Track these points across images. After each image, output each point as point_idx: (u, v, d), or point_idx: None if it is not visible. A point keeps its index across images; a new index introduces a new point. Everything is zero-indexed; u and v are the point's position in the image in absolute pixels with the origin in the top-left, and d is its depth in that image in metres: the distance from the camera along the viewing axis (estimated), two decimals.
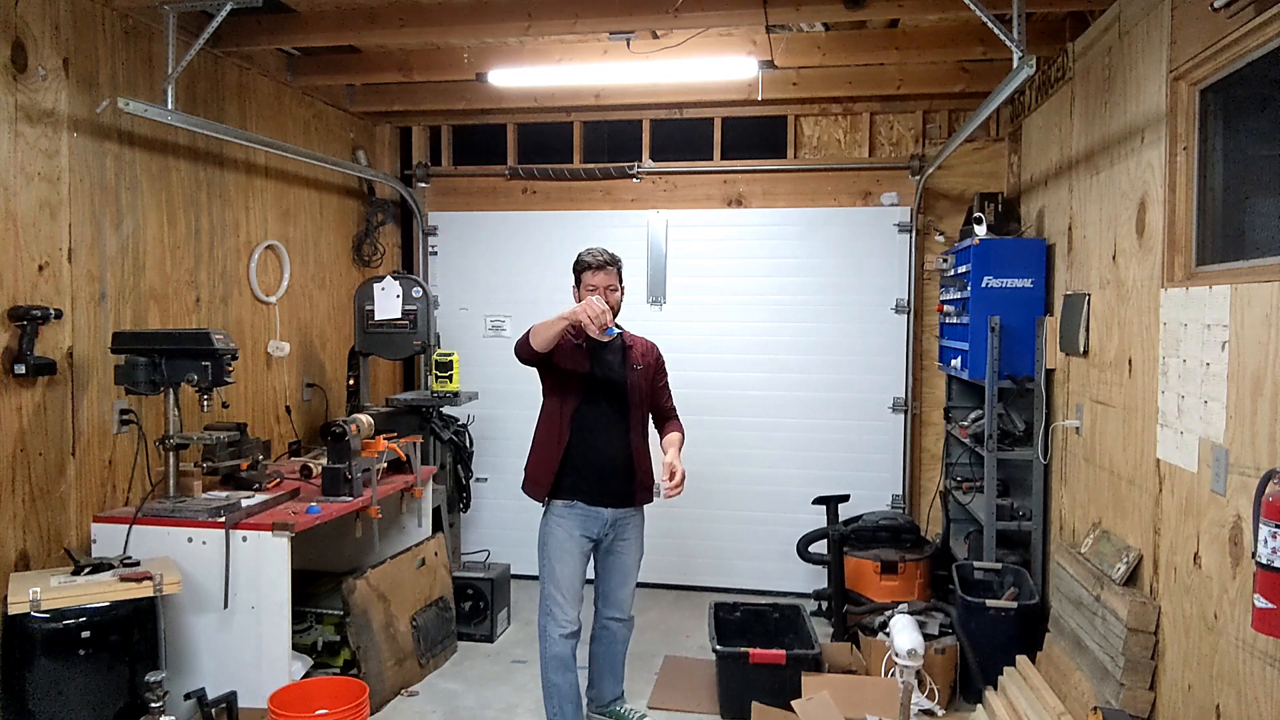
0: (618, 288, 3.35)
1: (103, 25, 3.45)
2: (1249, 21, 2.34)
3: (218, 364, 3.31)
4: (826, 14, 3.87)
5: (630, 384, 3.36)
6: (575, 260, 3.37)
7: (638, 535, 3.49)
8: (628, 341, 3.44)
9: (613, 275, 3.33)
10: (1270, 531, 1.90)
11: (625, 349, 3.41)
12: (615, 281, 3.34)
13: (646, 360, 3.45)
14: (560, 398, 3.33)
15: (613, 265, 3.34)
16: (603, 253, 3.34)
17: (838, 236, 5.25)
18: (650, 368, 3.46)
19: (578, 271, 3.36)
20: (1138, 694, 2.87)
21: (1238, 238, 2.64)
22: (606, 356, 3.36)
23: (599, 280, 3.28)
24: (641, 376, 3.40)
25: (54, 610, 2.81)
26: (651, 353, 3.52)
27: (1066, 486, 3.91)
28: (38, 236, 3.16)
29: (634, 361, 3.41)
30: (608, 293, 3.27)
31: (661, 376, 3.54)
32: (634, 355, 3.42)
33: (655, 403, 3.50)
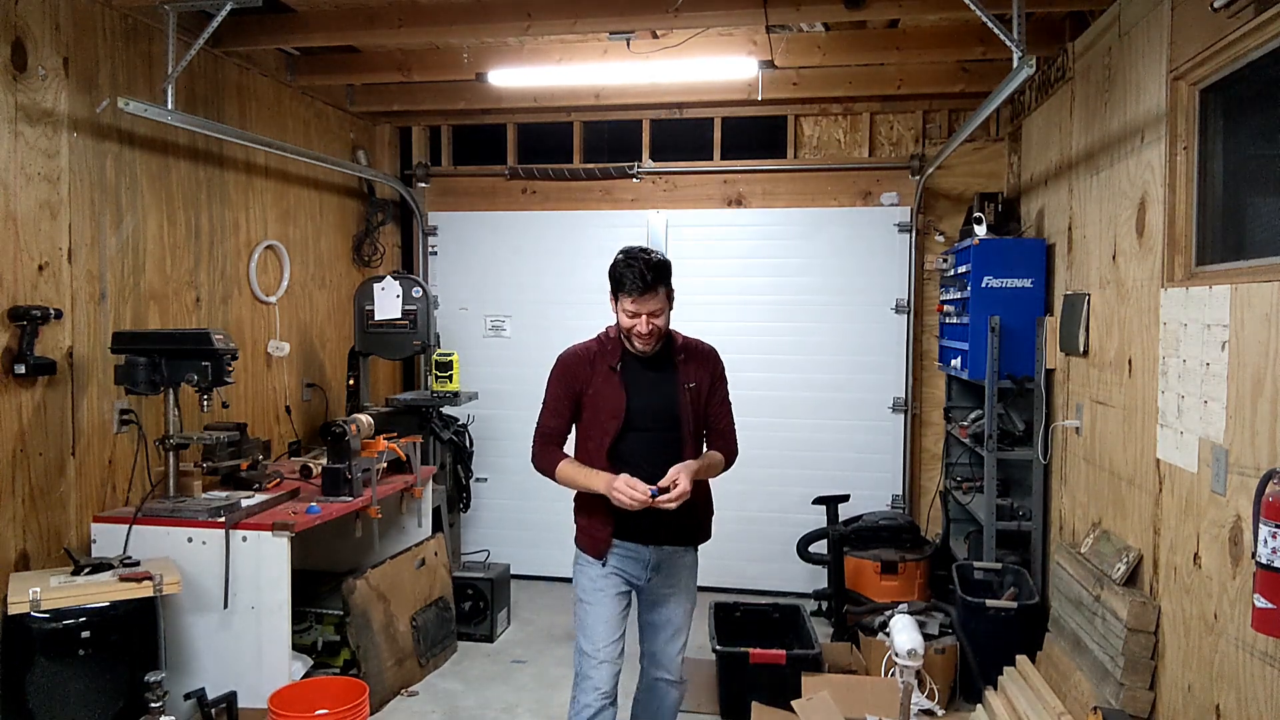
0: (664, 310, 2.62)
1: (103, 25, 3.45)
2: (1249, 21, 2.34)
3: (218, 364, 3.31)
4: (826, 14, 3.87)
5: (681, 408, 2.70)
6: (612, 268, 2.63)
7: (688, 580, 2.86)
8: (679, 353, 2.75)
9: (659, 297, 2.59)
10: (1270, 531, 1.90)
11: (675, 364, 2.73)
12: (660, 304, 2.60)
13: (701, 375, 2.76)
14: (595, 431, 2.71)
15: (660, 285, 2.58)
16: (646, 267, 2.55)
17: (838, 236, 5.25)
18: (705, 383, 2.77)
19: (615, 288, 2.63)
20: (1138, 694, 2.87)
21: (1238, 238, 2.64)
22: (650, 376, 2.71)
23: (642, 307, 2.57)
24: (694, 396, 2.73)
25: (54, 610, 2.81)
26: (708, 363, 2.80)
27: (1066, 486, 3.91)
28: (38, 236, 3.16)
29: (686, 379, 2.72)
30: (653, 319, 2.59)
31: (719, 390, 2.82)
32: (686, 371, 2.73)
33: (707, 421, 2.80)
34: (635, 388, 2.68)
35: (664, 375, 2.71)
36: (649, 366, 2.71)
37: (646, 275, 2.53)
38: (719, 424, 2.82)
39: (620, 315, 2.63)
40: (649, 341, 2.62)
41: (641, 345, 2.63)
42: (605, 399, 2.67)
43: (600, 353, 2.71)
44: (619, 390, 2.66)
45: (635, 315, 2.58)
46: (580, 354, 2.74)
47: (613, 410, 2.66)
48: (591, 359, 2.71)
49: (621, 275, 2.57)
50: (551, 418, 2.73)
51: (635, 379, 2.69)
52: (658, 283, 2.56)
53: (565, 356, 2.76)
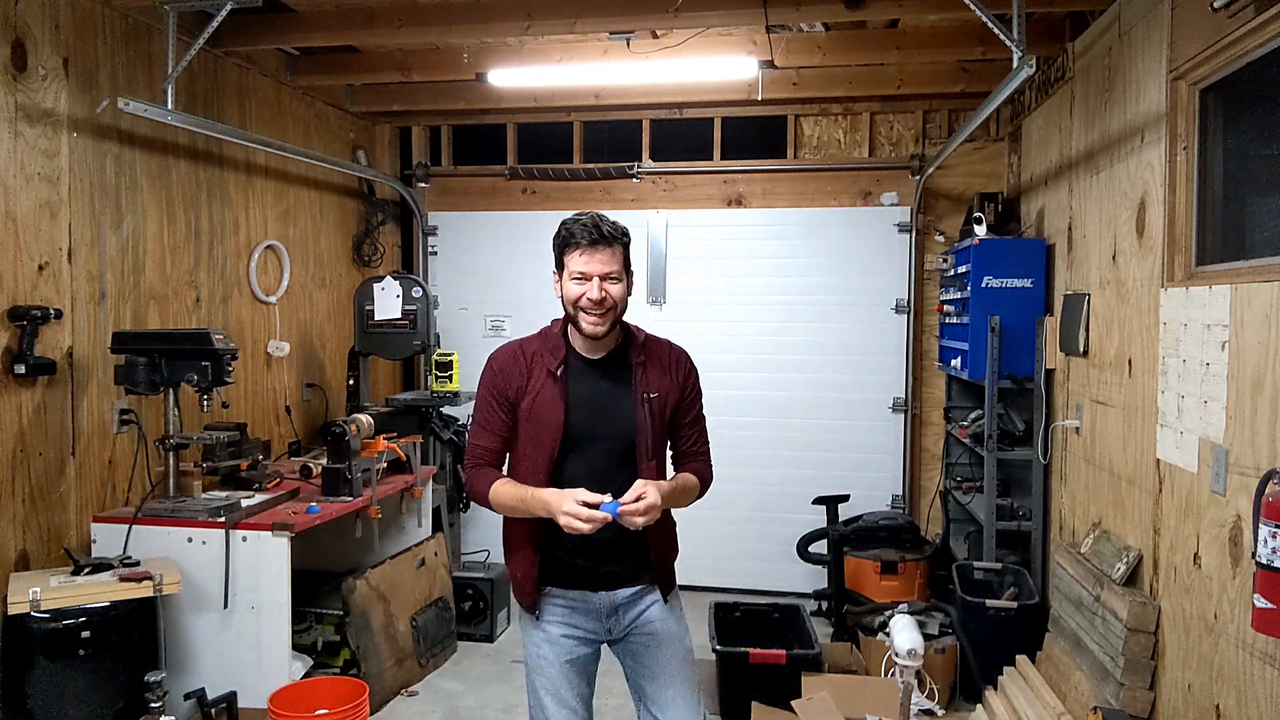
0: (621, 276, 2.11)
1: (103, 25, 3.45)
2: (1249, 21, 2.34)
3: (218, 364, 3.31)
4: (826, 14, 3.87)
5: (639, 425, 2.14)
6: (557, 232, 2.14)
7: (673, 620, 2.25)
8: (637, 354, 2.19)
9: (615, 257, 2.10)
10: (1270, 531, 1.90)
11: (632, 368, 2.17)
12: (618, 266, 2.10)
13: (666, 383, 2.19)
14: (529, 450, 2.15)
15: (615, 242, 2.10)
16: (599, 223, 2.09)
17: (838, 236, 5.25)
18: (671, 394, 2.20)
19: (560, 249, 2.13)
20: (1137, 694, 2.87)
21: (1238, 237, 2.64)
22: (599, 383, 2.16)
23: (594, 266, 2.07)
24: (656, 409, 2.16)
25: (54, 610, 2.81)
26: (676, 369, 2.23)
27: (1066, 486, 3.91)
28: (38, 236, 3.16)
29: (645, 387, 2.16)
30: (607, 284, 2.08)
31: (691, 404, 2.26)
32: (647, 378, 2.17)
33: (674, 442, 2.27)
34: (579, 396, 2.12)
35: (617, 381, 2.15)
36: (599, 371, 2.15)
37: (601, 227, 2.06)
38: (690, 446, 2.25)
39: (566, 285, 2.09)
40: (601, 318, 2.06)
41: (591, 325, 2.07)
42: (542, 410, 2.11)
43: (540, 352, 2.16)
44: (558, 399, 2.10)
45: (584, 279, 2.06)
46: (515, 352, 2.17)
47: (550, 424, 2.09)
48: (529, 360, 2.15)
49: (570, 229, 2.08)
50: (482, 434, 2.16)
51: (580, 385, 2.14)
52: (614, 240, 2.08)
53: (496, 356, 2.19)
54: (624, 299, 2.11)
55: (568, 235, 2.08)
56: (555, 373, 2.12)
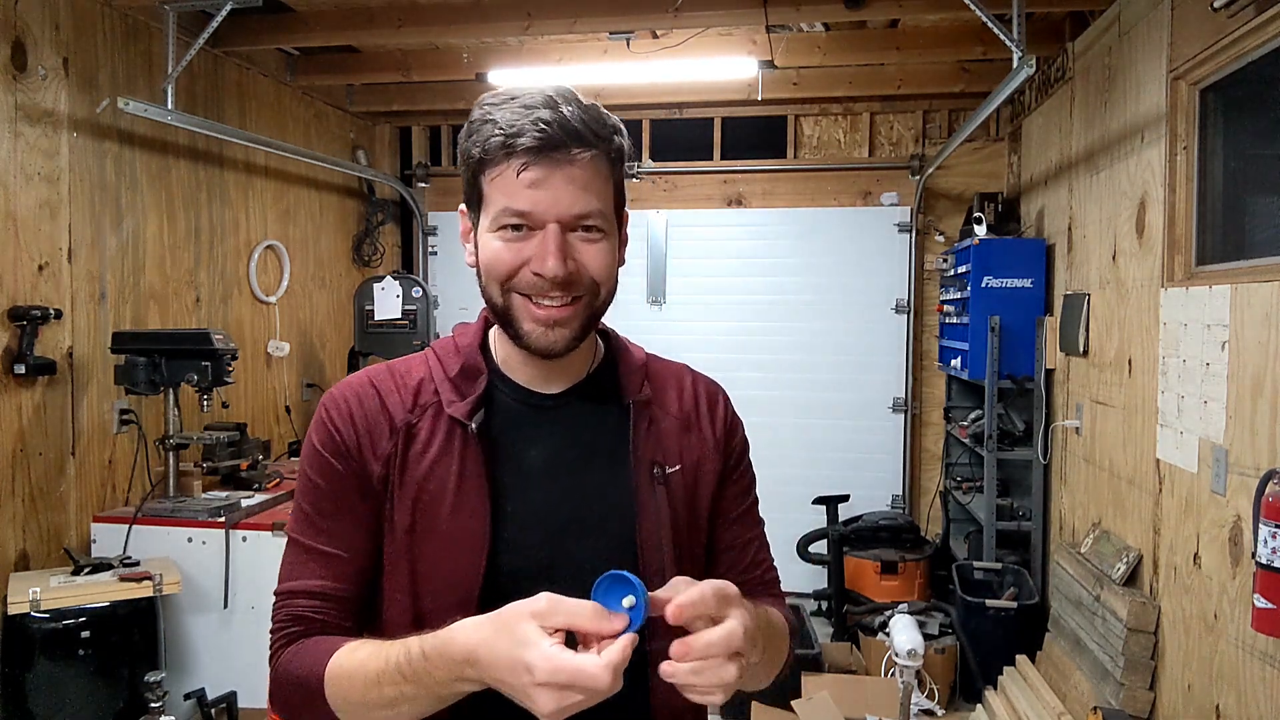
0: (608, 226, 0.98)
1: (103, 25, 3.45)
2: (1249, 21, 2.34)
3: (218, 364, 3.31)
4: (826, 14, 3.87)
5: (648, 532, 1.03)
6: (469, 124, 0.98)
7: None
8: (635, 386, 1.09)
9: (596, 180, 0.96)
10: (1270, 531, 1.90)
11: (630, 412, 1.07)
12: (599, 204, 0.96)
13: (695, 444, 1.11)
14: (407, 610, 1.00)
15: (594, 146, 0.95)
16: (558, 104, 0.94)
17: (838, 236, 5.25)
18: (708, 462, 1.11)
19: (476, 162, 0.96)
20: (1137, 694, 2.87)
21: (1238, 237, 2.64)
22: (560, 447, 1.05)
23: (550, 197, 0.93)
24: (682, 495, 1.07)
25: (54, 610, 2.81)
26: (711, 416, 1.15)
27: (1066, 486, 3.91)
28: (38, 236, 3.16)
29: (651, 450, 1.07)
30: (579, 240, 0.96)
31: (740, 481, 1.16)
32: (655, 437, 1.08)
33: (716, 557, 1.14)
34: (523, 473, 1.04)
35: (597, 441, 1.07)
36: (560, 419, 1.07)
37: (563, 112, 0.94)
38: (748, 564, 1.16)
39: (486, 241, 0.98)
40: (562, 313, 0.97)
41: (541, 328, 0.98)
42: (440, 509, 1.00)
43: (434, 384, 1.05)
44: (476, 483, 1.00)
45: (525, 227, 0.95)
46: (379, 386, 1.05)
47: (461, 541, 0.99)
48: (409, 401, 1.04)
49: (495, 118, 0.95)
50: (304, 562, 1.04)
51: (524, 450, 1.05)
52: (592, 141, 0.95)
53: (338, 394, 1.06)
54: (611, 276, 0.99)
55: (493, 131, 0.94)
56: (467, 425, 1.00)
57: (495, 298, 0.99)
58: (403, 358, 1.10)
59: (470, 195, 1.01)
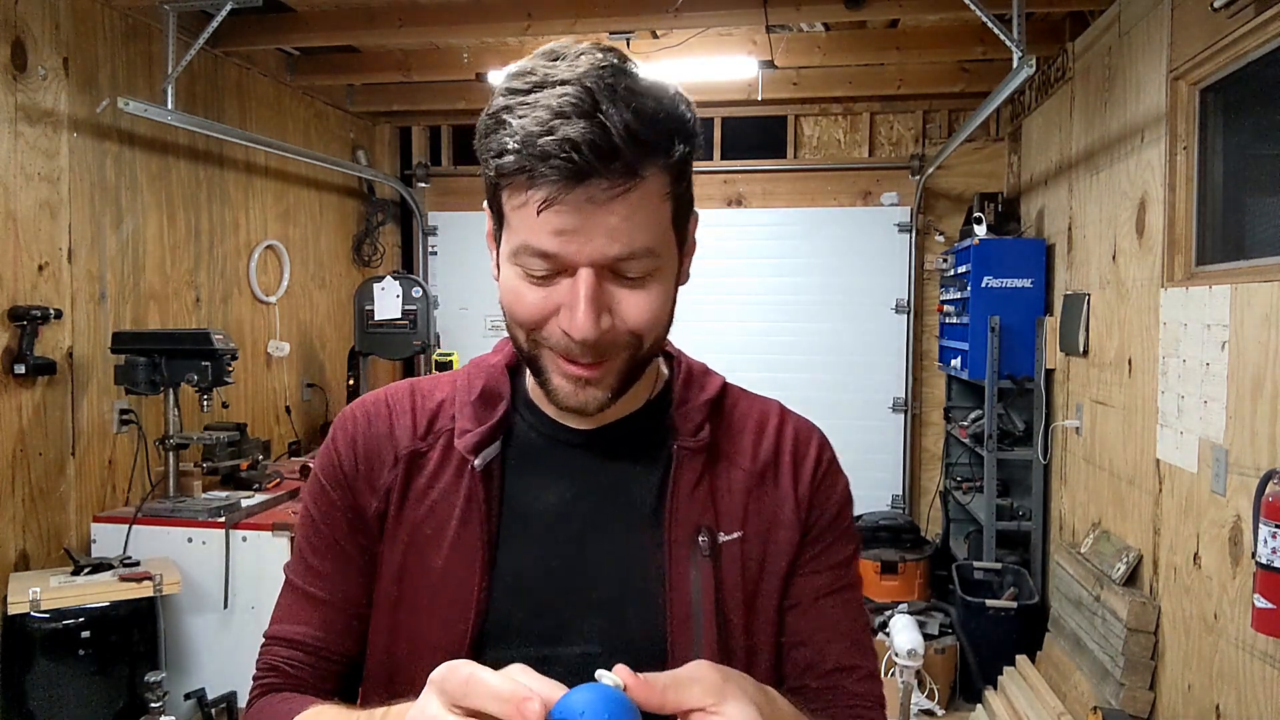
0: (662, 253, 0.76)
1: (103, 25, 3.45)
2: (1249, 21, 2.34)
3: (218, 364, 3.31)
4: (826, 14, 3.87)
5: (676, 617, 0.81)
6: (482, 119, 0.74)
7: None
8: (690, 425, 0.86)
9: (646, 203, 0.72)
10: (1270, 531, 1.90)
11: (673, 463, 0.84)
12: (650, 236, 0.73)
13: (765, 504, 0.86)
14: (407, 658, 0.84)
15: (629, 176, 0.69)
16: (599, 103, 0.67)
17: (838, 236, 5.25)
18: (779, 525, 0.85)
19: (492, 175, 0.73)
20: (1137, 694, 2.87)
21: (1238, 237, 2.64)
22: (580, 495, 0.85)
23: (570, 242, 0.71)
24: (733, 577, 0.83)
25: (54, 610, 2.81)
26: (797, 465, 0.88)
27: (1066, 486, 3.91)
28: (38, 236, 3.16)
29: (701, 516, 0.83)
30: (618, 289, 0.74)
31: (823, 551, 0.87)
32: (707, 494, 0.84)
33: (785, 648, 0.86)
34: (525, 526, 0.85)
35: (628, 492, 0.86)
36: (591, 458, 0.87)
37: (605, 132, 0.67)
38: (825, 657, 0.86)
39: (505, 266, 0.78)
40: (595, 372, 0.77)
41: (568, 386, 0.78)
42: (436, 558, 0.84)
43: (444, 413, 0.89)
44: (476, 533, 0.83)
45: (549, 270, 0.73)
46: (383, 416, 0.90)
47: (452, 597, 0.83)
48: (418, 434, 0.88)
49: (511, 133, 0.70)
50: (293, 603, 0.93)
51: (531, 498, 0.86)
52: (636, 161, 0.69)
53: (343, 422, 0.92)
54: (659, 323, 0.80)
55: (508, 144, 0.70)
56: (474, 460, 0.84)
57: (520, 341, 0.80)
58: (440, 373, 0.95)
59: (490, 201, 0.79)
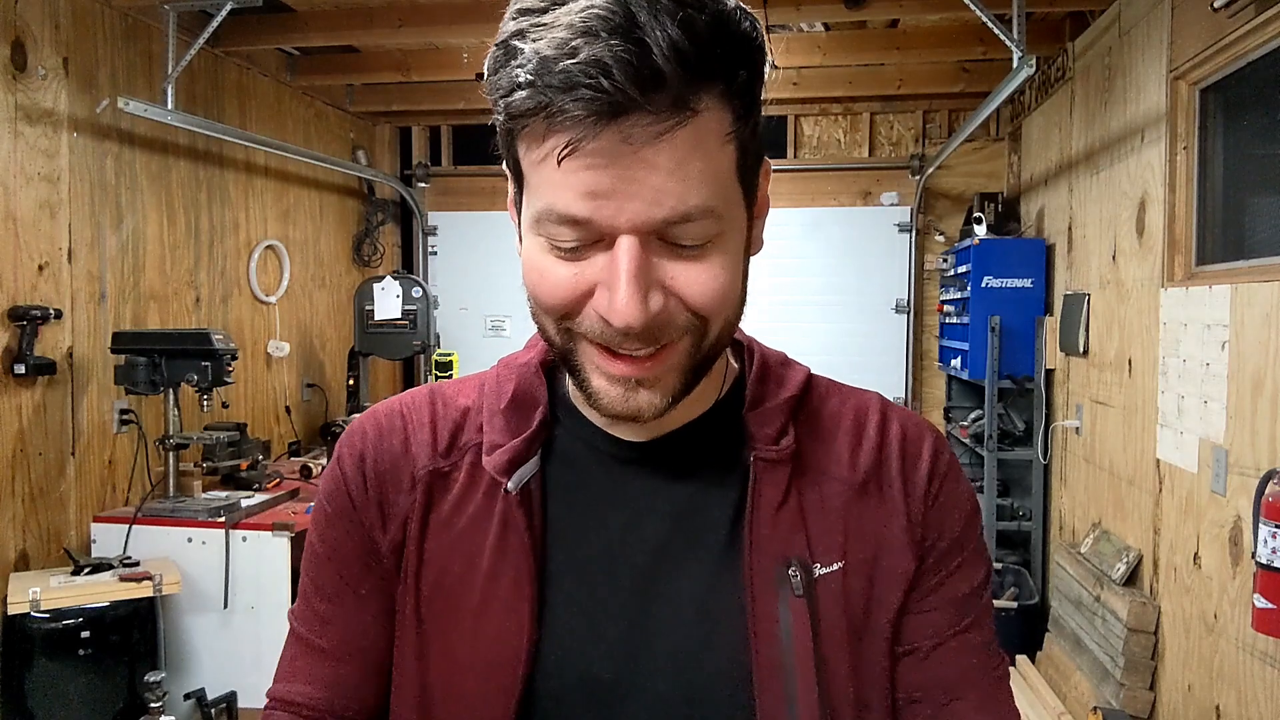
0: (707, 233, 0.58)
1: (103, 25, 3.45)
2: (1249, 21, 2.34)
3: (218, 364, 3.31)
4: (826, 14, 3.87)
5: (760, 655, 0.65)
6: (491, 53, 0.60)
7: None
8: (770, 431, 0.69)
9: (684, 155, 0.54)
10: (1270, 531, 1.90)
11: (750, 481, 0.68)
12: (689, 203, 0.55)
13: (869, 524, 0.69)
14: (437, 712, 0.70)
15: (681, 109, 0.53)
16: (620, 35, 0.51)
17: (838, 236, 5.25)
18: (888, 549, 0.69)
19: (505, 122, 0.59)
20: (1138, 694, 2.87)
21: (1238, 237, 2.64)
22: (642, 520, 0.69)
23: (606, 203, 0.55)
24: (839, 607, 0.67)
25: (54, 610, 2.81)
26: (907, 474, 0.70)
27: (1066, 486, 3.91)
28: (37, 236, 3.16)
29: (782, 542, 0.67)
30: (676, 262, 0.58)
31: (943, 582, 0.70)
32: (800, 513, 0.68)
33: (900, 705, 0.70)
34: (577, 563, 0.69)
35: (699, 515, 0.69)
36: (645, 479, 0.70)
37: (647, 53, 0.51)
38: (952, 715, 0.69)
39: (527, 240, 0.61)
40: (647, 368, 0.60)
41: (615, 388, 0.61)
42: (468, 601, 0.69)
43: (470, 424, 0.74)
44: (519, 571, 0.68)
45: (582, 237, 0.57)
46: (399, 428, 0.74)
47: (493, 649, 0.68)
48: (439, 449, 0.73)
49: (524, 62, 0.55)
50: (297, 656, 0.79)
51: (582, 527, 0.70)
52: (686, 90, 0.53)
53: (350, 436, 0.75)
54: (729, 301, 0.64)
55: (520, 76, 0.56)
56: (507, 481, 0.69)
57: (550, 333, 0.63)
58: (465, 377, 0.78)
59: (505, 157, 0.63)
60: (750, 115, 0.60)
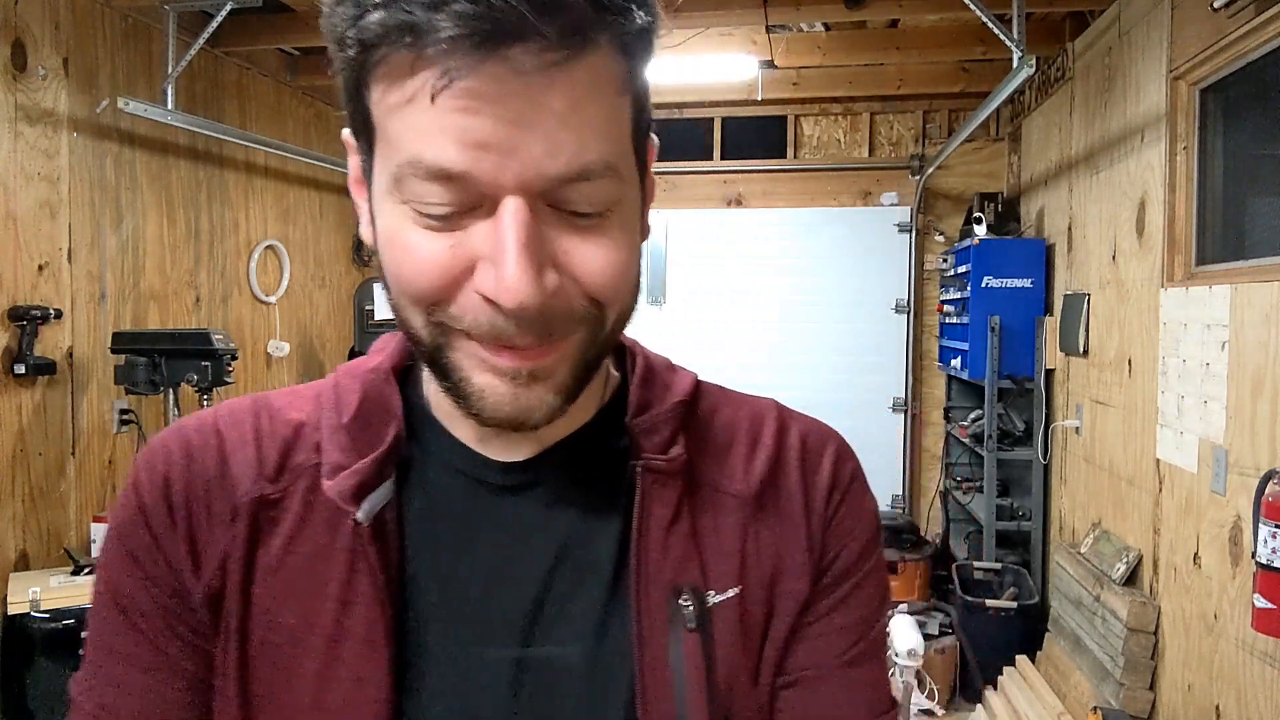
0: (605, 199, 0.49)
1: (103, 25, 3.45)
2: (1249, 21, 2.34)
3: (217, 364, 3.31)
4: (826, 14, 3.87)
5: (648, 697, 0.55)
6: None
7: None
8: (648, 446, 0.59)
9: (578, 99, 0.46)
10: (1270, 531, 1.90)
11: (630, 490, 0.58)
12: (587, 157, 0.47)
13: (765, 543, 0.60)
14: None
15: (575, 37, 0.45)
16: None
17: (838, 236, 5.25)
18: (785, 570, 0.60)
19: (353, 61, 0.51)
20: (1137, 694, 2.87)
21: (1238, 237, 2.64)
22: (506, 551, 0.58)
23: (488, 151, 0.45)
24: (734, 638, 0.58)
25: (54, 610, 2.81)
26: (808, 484, 0.64)
27: (1066, 486, 3.91)
28: (38, 236, 3.16)
29: (672, 568, 0.57)
30: (571, 233, 0.49)
31: (840, 605, 0.61)
32: (694, 534, 0.58)
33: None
34: (447, 608, 0.57)
35: (582, 543, 0.58)
36: (521, 507, 0.59)
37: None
38: None
39: (383, 211, 0.51)
40: (538, 355, 0.51)
41: (503, 377, 0.51)
42: (307, 662, 0.55)
43: (304, 441, 0.59)
44: (372, 622, 0.55)
45: (456, 200, 0.47)
46: (212, 447, 0.59)
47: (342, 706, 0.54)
48: (266, 472, 0.58)
49: None
50: None
51: (451, 565, 0.57)
52: (580, 18, 0.45)
53: (149, 460, 0.59)
54: (629, 284, 0.56)
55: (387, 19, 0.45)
56: (355, 511, 0.55)
57: (415, 327, 0.52)
58: (296, 386, 0.64)
59: (354, 118, 0.54)
60: (641, 64, 0.53)
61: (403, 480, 0.58)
